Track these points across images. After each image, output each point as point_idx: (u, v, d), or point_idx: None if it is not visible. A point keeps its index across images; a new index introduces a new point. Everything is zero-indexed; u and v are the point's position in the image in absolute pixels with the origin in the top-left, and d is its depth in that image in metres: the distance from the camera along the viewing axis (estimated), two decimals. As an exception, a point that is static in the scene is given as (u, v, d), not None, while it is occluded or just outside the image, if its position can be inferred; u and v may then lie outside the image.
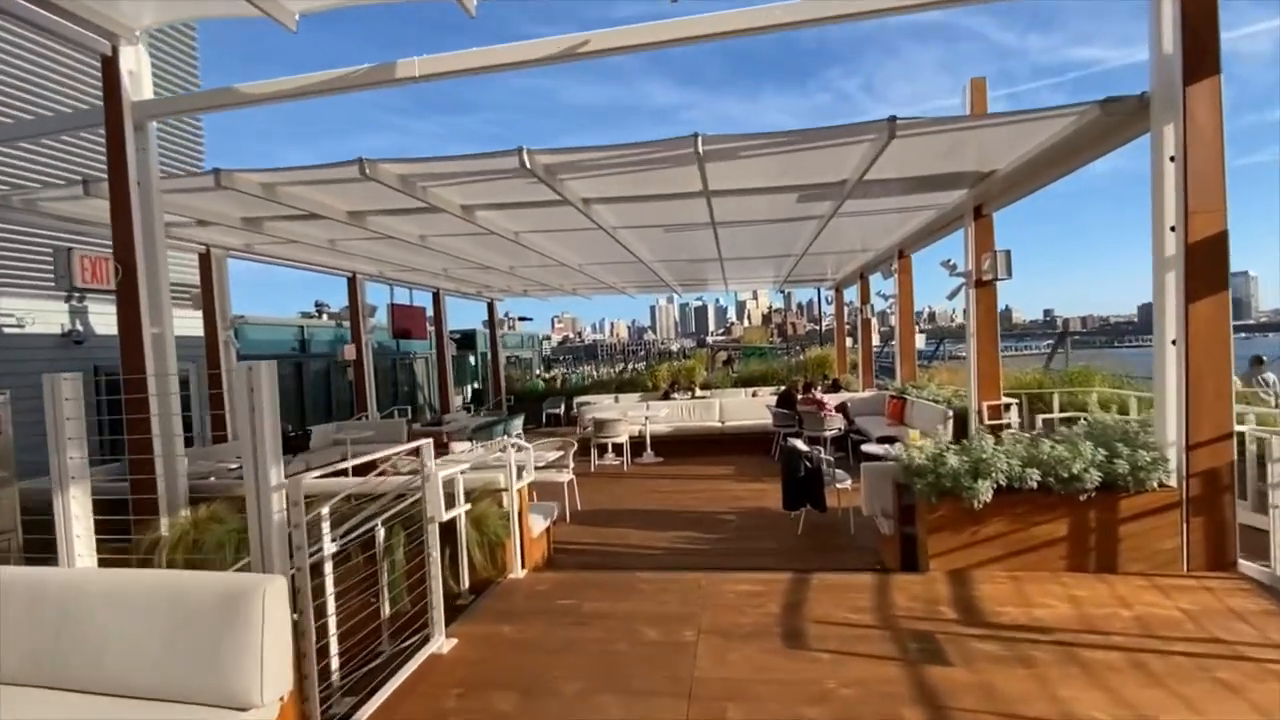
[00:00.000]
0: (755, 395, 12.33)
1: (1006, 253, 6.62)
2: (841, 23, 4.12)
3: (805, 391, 10.20)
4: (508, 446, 4.81)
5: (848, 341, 15.66)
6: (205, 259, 8.57)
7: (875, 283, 12.90)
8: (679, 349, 39.56)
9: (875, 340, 14.10)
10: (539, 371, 24.37)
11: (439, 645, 3.38)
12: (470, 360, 20.53)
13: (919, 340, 12.60)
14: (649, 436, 10.31)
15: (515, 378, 19.07)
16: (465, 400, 17.94)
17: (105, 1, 4.51)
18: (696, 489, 8.07)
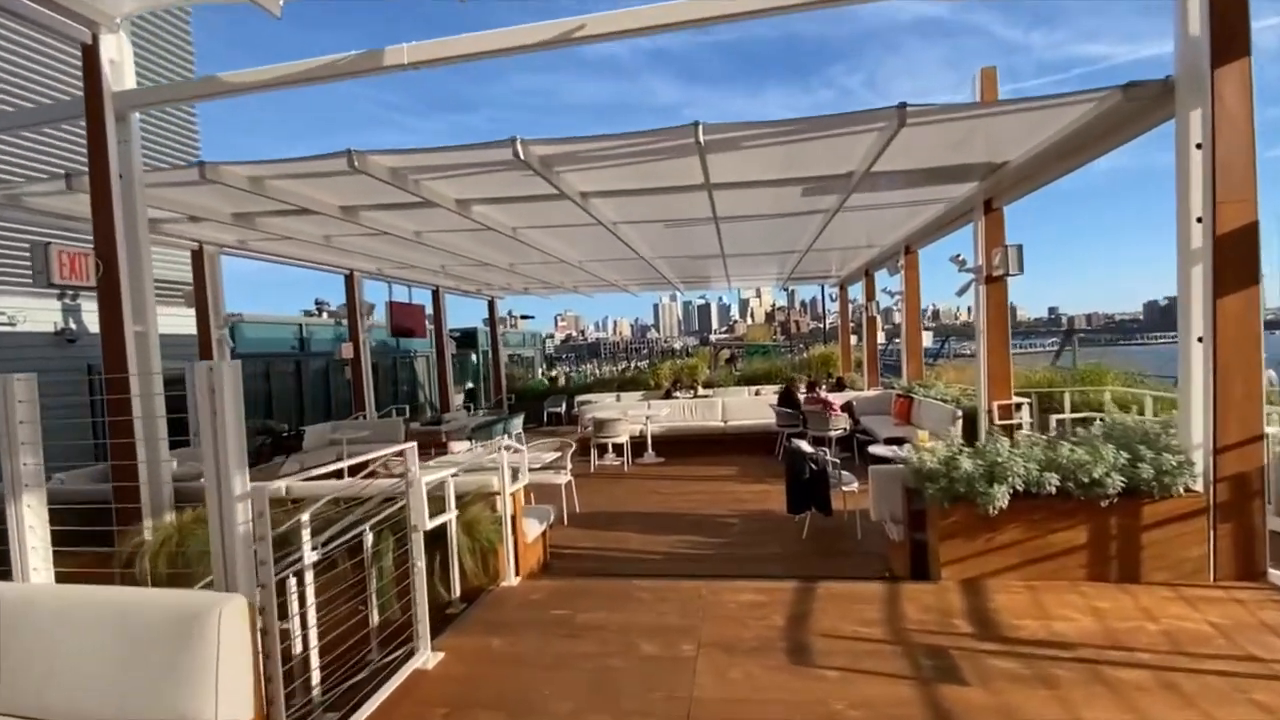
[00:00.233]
0: (758, 394, 12.12)
1: (1018, 247, 6.41)
2: (842, 6, 3.93)
3: (810, 390, 9.99)
4: (501, 448, 4.64)
5: (852, 339, 15.47)
6: (198, 256, 8.41)
7: (880, 279, 12.71)
8: (682, 347, 39.41)
9: (880, 338, 13.90)
10: (542, 370, 24.20)
11: (424, 660, 3.20)
12: (472, 358, 20.37)
13: (926, 338, 12.39)
14: (650, 436, 10.13)
15: (517, 376, 18.89)
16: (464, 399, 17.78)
17: (83, -13, 4.35)
18: (698, 490, 7.88)
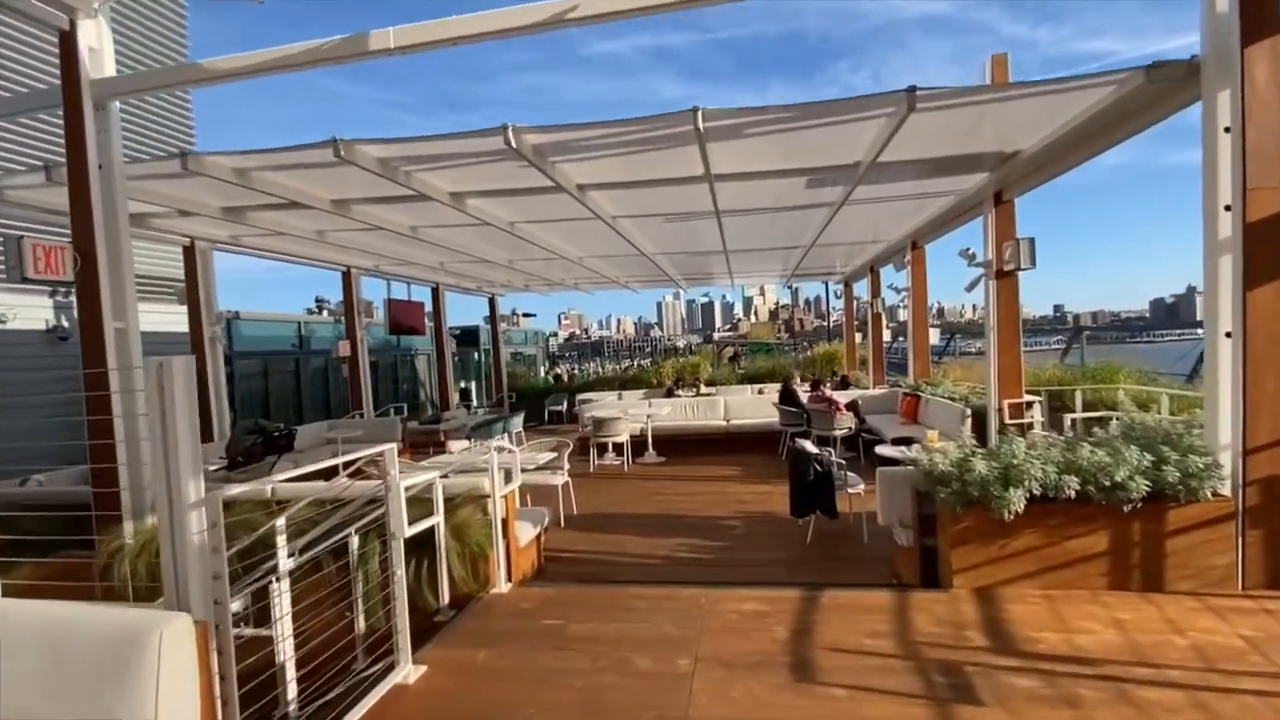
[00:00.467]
0: (761, 393, 11.90)
1: (1030, 240, 6.20)
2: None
3: (813, 389, 9.78)
4: (492, 449, 4.45)
5: (856, 337, 15.25)
6: (190, 252, 8.25)
7: (886, 276, 12.47)
8: (685, 345, 39.21)
9: (885, 336, 13.68)
10: (544, 368, 24.01)
11: (404, 674, 3.02)
12: (474, 356, 20.19)
13: (933, 335, 12.16)
14: (651, 435, 9.94)
15: (519, 375, 18.70)
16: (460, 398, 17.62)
17: (58, -29, 4.17)
18: (699, 491, 7.68)
